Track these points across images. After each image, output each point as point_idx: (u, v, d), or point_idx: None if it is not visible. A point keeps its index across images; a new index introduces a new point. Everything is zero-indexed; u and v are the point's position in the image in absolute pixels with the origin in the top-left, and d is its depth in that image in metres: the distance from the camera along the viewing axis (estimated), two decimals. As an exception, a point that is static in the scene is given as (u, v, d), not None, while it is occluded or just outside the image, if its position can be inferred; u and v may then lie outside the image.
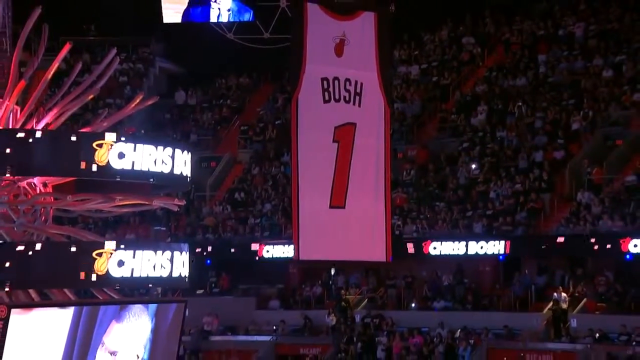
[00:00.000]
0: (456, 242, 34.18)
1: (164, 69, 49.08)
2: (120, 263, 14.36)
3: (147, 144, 14.74)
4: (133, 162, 14.46)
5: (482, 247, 33.79)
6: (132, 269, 14.48)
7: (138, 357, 15.13)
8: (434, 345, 32.48)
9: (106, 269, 14.24)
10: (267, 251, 36.37)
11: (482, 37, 42.95)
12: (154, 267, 14.84)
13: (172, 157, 15.08)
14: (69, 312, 14.25)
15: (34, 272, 13.97)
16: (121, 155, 14.34)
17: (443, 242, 34.36)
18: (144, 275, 14.71)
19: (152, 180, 15.05)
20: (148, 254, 14.78)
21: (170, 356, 15.84)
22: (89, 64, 40.57)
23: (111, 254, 14.24)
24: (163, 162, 14.97)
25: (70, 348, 14.18)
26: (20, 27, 15.78)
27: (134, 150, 14.51)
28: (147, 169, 14.71)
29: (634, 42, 38.62)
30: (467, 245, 33.94)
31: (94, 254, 14.17)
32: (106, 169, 14.26)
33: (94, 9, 44.82)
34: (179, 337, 16.00)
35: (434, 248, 34.39)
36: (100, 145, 14.22)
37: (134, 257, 14.53)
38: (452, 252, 34.27)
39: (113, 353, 14.68)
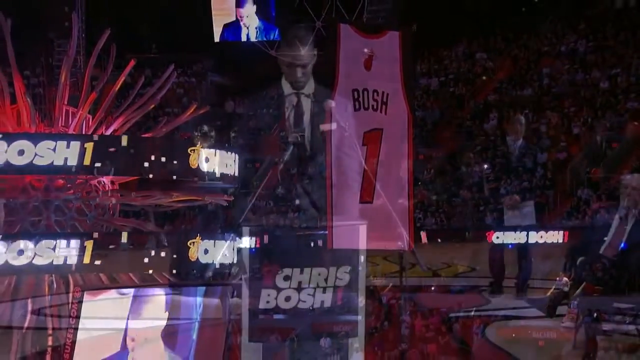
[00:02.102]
0: (517, 232, 33.71)
1: (215, 81, 49.21)
2: (206, 251, 14.42)
3: (221, 150, 14.81)
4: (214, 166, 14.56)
5: (541, 237, 33.30)
6: (213, 257, 14.58)
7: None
8: (450, 324, 32.39)
9: (197, 257, 14.33)
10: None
11: (493, 52, 42.79)
12: (225, 255, 14.95)
13: (235, 160, 15.15)
14: (130, 294, 14.40)
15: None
16: (207, 160, 14.42)
17: (505, 232, 33.88)
18: (220, 262, 14.82)
19: (226, 183, 15.16)
20: (222, 243, 14.86)
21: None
22: (150, 78, 40.52)
23: (200, 243, 14.34)
24: (230, 165, 15.05)
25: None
26: (92, 47, 15.94)
27: (215, 155, 14.58)
28: (222, 172, 14.81)
29: (628, 57, 38.38)
30: (527, 235, 33.44)
31: (187, 243, 14.26)
32: (197, 171, 14.36)
33: (155, 30, 45.08)
34: (228, 318, 16.04)
35: (497, 237, 33.96)
36: (193, 151, 14.31)
37: (214, 246, 14.60)
38: (514, 241, 33.77)
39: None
